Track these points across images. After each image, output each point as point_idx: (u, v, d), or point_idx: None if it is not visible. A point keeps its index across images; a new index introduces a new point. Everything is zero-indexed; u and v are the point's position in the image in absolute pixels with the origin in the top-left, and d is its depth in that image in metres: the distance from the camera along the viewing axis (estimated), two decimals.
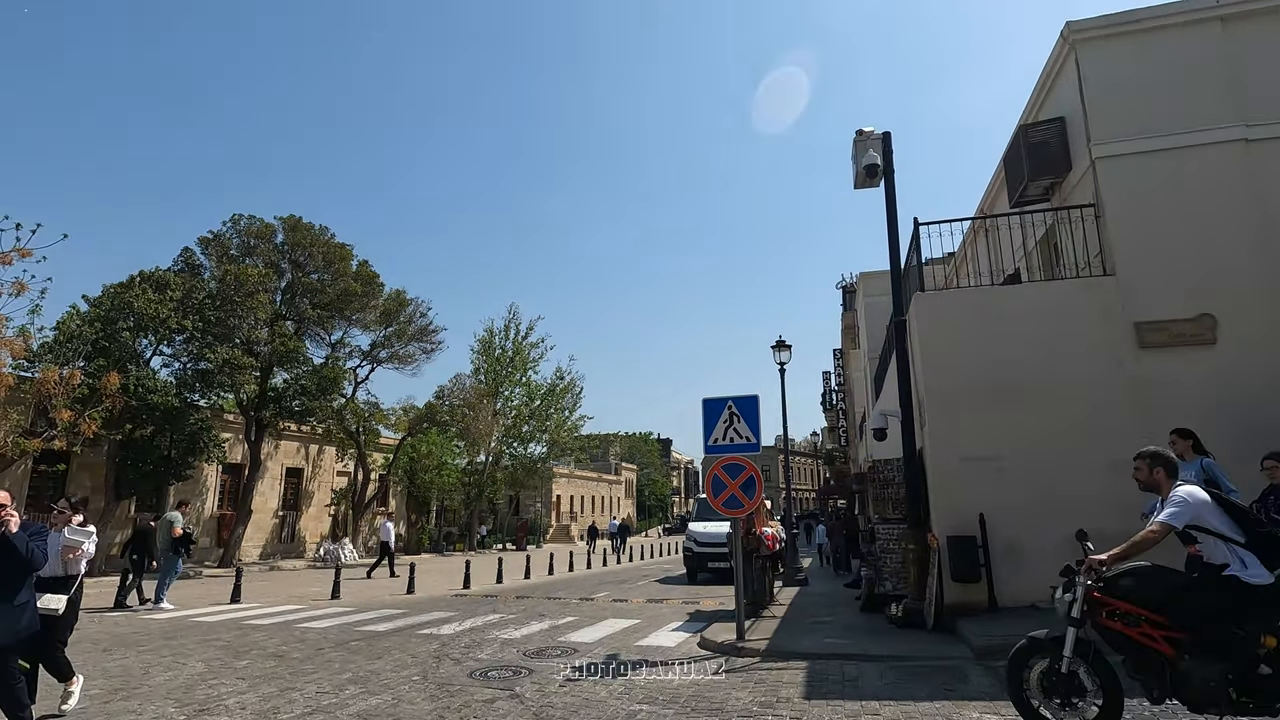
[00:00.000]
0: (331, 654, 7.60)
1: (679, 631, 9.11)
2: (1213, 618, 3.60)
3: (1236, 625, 3.55)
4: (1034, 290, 8.81)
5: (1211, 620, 3.60)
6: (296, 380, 23.74)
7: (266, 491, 27.28)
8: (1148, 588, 3.77)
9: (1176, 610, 3.66)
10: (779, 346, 15.68)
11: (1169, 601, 3.70)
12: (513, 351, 39.22)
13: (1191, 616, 3.64)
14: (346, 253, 25.73)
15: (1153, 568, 3.87)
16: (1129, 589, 3.80)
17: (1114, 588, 3.81)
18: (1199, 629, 3.61)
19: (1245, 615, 3.55)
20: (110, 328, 18.29)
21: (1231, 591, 3.59)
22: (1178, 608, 3.67)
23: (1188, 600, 3.68)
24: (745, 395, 8.14)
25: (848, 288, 42.82)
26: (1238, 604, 3.57)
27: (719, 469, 7.99)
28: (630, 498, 73.44)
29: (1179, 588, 3.76)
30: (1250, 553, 3.61)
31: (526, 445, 40.25)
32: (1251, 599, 3.55)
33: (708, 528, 16.89)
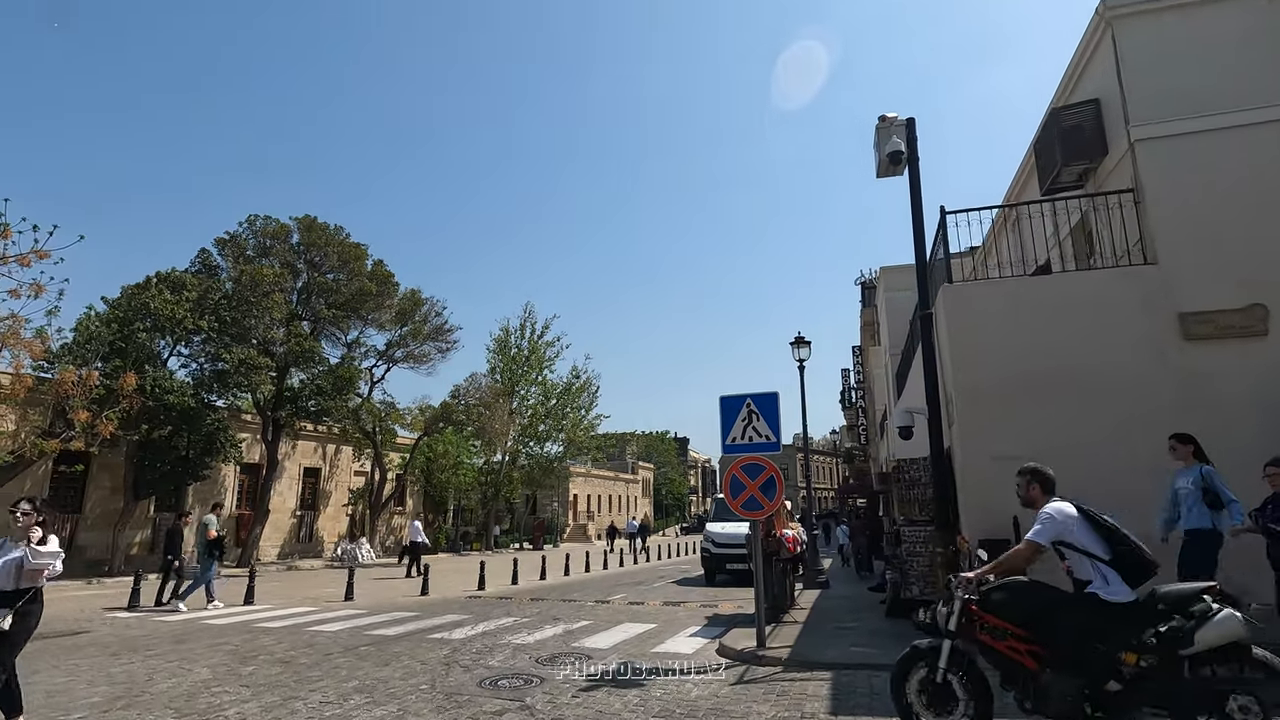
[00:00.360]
0: (339, 660, 7.41)
1: (697, 637, 8.81)
2: (1073, 633, 3.65)
3: (1099, 641, 3.59)
4: (1070, 280, 8.37)
5: (1071, 636, 3.64)
6: (313, 380, 23.75)
7: (284, 491, 27.36)
8: (1015, 603, 3.86)
9: (1037, 625, 3.75)
10: (798, 343, 15.29)
11: (1032, 617, 3.78)
12: (528, 350, 39.10)
13: (1050, 632, 3.71)
14: (361, 252, 25.70)
15: (1023, 583, 3.95)
16: (999, 604, 3.90)
17: (986, 602, 3.91)
18: (1058, 644, 3.67)
19: (1106, 632, 3.59)
20: (127, 329, 18.35)
21: (1092, 608, 3.65)
22: (1038, 623, 3.76)
23: (1049, 616, 3.76)
24: (764, 392, 7.83)
25: (867, 284, 42.19)
26: (1099, 621, 3.62)
27: (737, 469, 7.68)
28: (647, 497, 73.17)
29: (1044, 604, 3.83)
30: (1114, 571, 3.64)
31: (543, 444, 40.14)
32: (1111, 616, 3.59)
33: (726, 528, 16.55)
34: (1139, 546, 3.68)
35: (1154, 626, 3.50)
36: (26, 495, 5.21)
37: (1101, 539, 3.74)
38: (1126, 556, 3.67)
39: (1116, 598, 3.63)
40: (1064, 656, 3.66)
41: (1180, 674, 3.40)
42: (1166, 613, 3.52)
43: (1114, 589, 3.65)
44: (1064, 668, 3.63)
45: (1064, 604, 3.80)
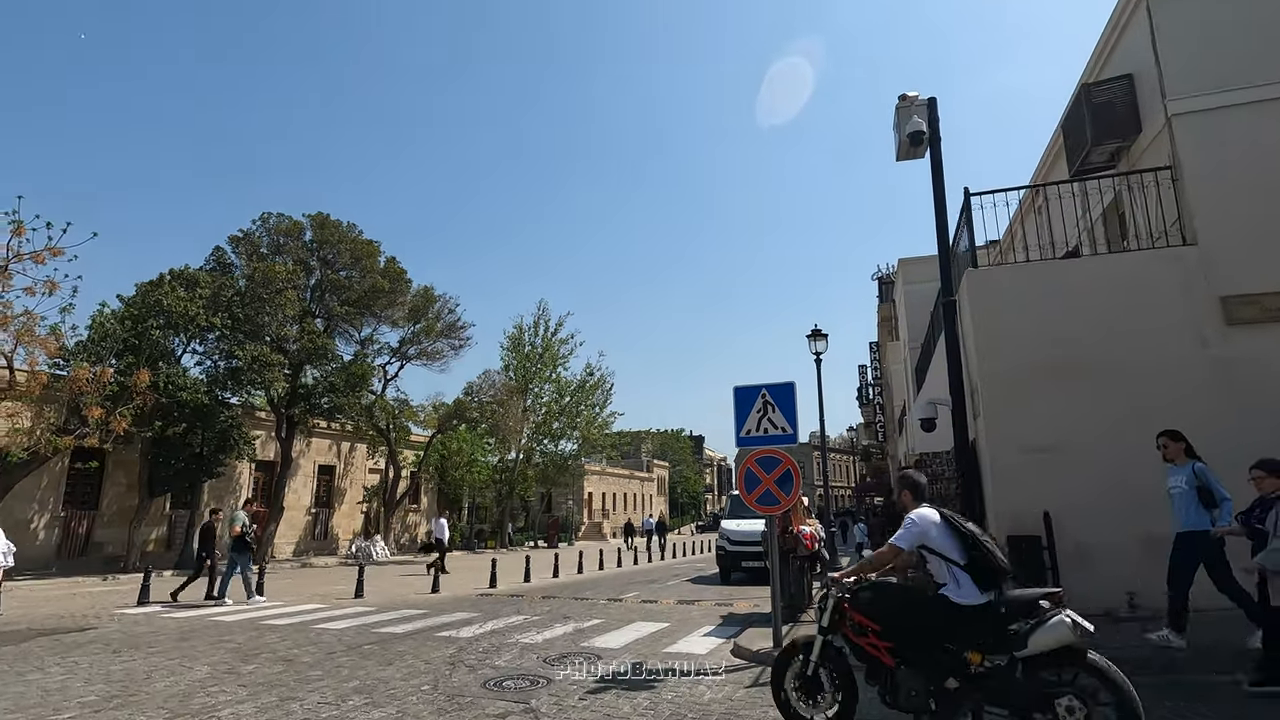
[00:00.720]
0: (343, 659, 7.20)
1: (711, 637, 8.52)
2: (923, 632, 3.84)
3: (948, 640, 3.75)
4: (1102, 263, 7.97)
5: (922, 634, 3.84)
6: (326, 377, 23.72)
7: (300, 489, 27.41)
8: (876, 602, 4.06)
9: (893, 624, 3.95)
10: (814, 336, 14.92)
11: (889, 615, 3.99)
12: (542, 348, 38.94)
13: (904, 630, 3.92)
14: (374, 249, 25.62)
15: (885, 584, 4.18)
16: (863, 602, 4.10)
17: (855, 600, 4.13)
18: (909, 642, 3.87)
19: (954, 632, 3.75)
20: (140, 326, 18.37)
21: (942, 609, 3.80)
22: (893, 621, 3.96)
23: (904, 616, 3.96)
24: (780, 382, 7.51)
25: (884, 278, 41.64)
26: (948, 621, 3.78)
27: (752, 463, 7.38)
28: (663, 495, 72.86)
29: (900, 603, 4.03)
30: (967, 574, 3.78)
31: (557, 442, 39.97)
32: (960, 617, 3.74)
33: (741, 525, 16.23)
34: (992, 553, 3.79)
35: (999, 629, 3.64)
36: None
37: (958, 544, 3.86)
38: (979, 561, 3.78)
39: (965, 600, 3.77)
40: (914, 654, 3.86)
41: (1013, 674, 3.55)
42: (1010, 616, 3.64)
43: (964, 592, 3.79)
44: (914, 664, 3.84)
45: (918, 604, 3.99)
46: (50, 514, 18.97)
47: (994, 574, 3.77)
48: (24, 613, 11.09)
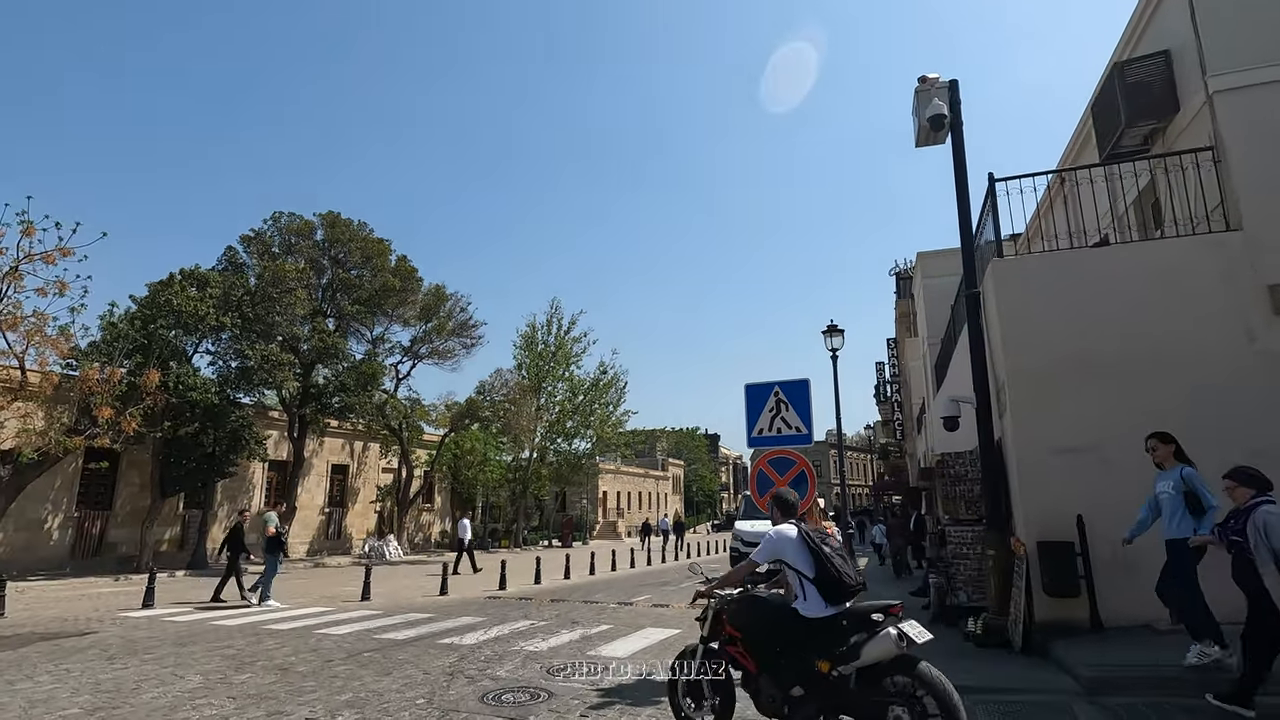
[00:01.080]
0: (340, 667, 6.95)
1: None
2: (776, 643, 4.08)
3: (798, 650, 3.94)
4: (1137, 251, 7.50)
5: (775, 644, 4.08)
6: (337, 377, 23.64)
7: (313, 488, 27.41)
8: (740, 613, 4.32)
9: (752, 634, 4.21)
10: (830, 331, 14.48)
11: (750, 626, 4.24)
12: (555, 346, 38.73)
13: (760, 640, 4.16)
14: (384, 247, 25.52)
15: (750, 596, 4.40)
16: (731, 613, 4.37)
17: (726, 611, 4.40)
18: (764, 651, 4.11)
19: (803, 643, 3.93)
20: (150, 325, 18.35)
21: (791, 621, 4.02)
22: (753, 632, 4.22)
23: (761, 627, 4.19)
24: (794, 379, 7.13)
25: (901, 274, 40.92)
26: (796, 633, 3.98)
27: (765, 463, 7.02)
28: (678, 494, 72.52)
29: (759, 615, 4.25)
30: (815, 589, 3.95)
31: (571, 441, 39.75)
32: (808, 629, 3.93)
33: (756, 526, 15.85)
34: (841, 570, 3.92)
35: (842, 640, 3.79)
36: None
37: (810, 560, 3.99)
38: (827, 577, 3.92)
39: (812, 613, 3.94)
40: (769, 661, 4.09)
41: (849, 684, 3.71)
42: (851, 629, 3.81)
43: (810, 605, 3.96)
44: (770, 671, 4.07)
45: (773, 616, 4.18)
46: (64, 514, 19.03)
47: (840, 590, 3.93)
48: (30, 615, 10.99)
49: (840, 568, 3.93)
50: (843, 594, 3.92)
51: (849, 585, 3.91)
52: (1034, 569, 6.74)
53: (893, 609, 3.78)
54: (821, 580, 3.93)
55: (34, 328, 15.69)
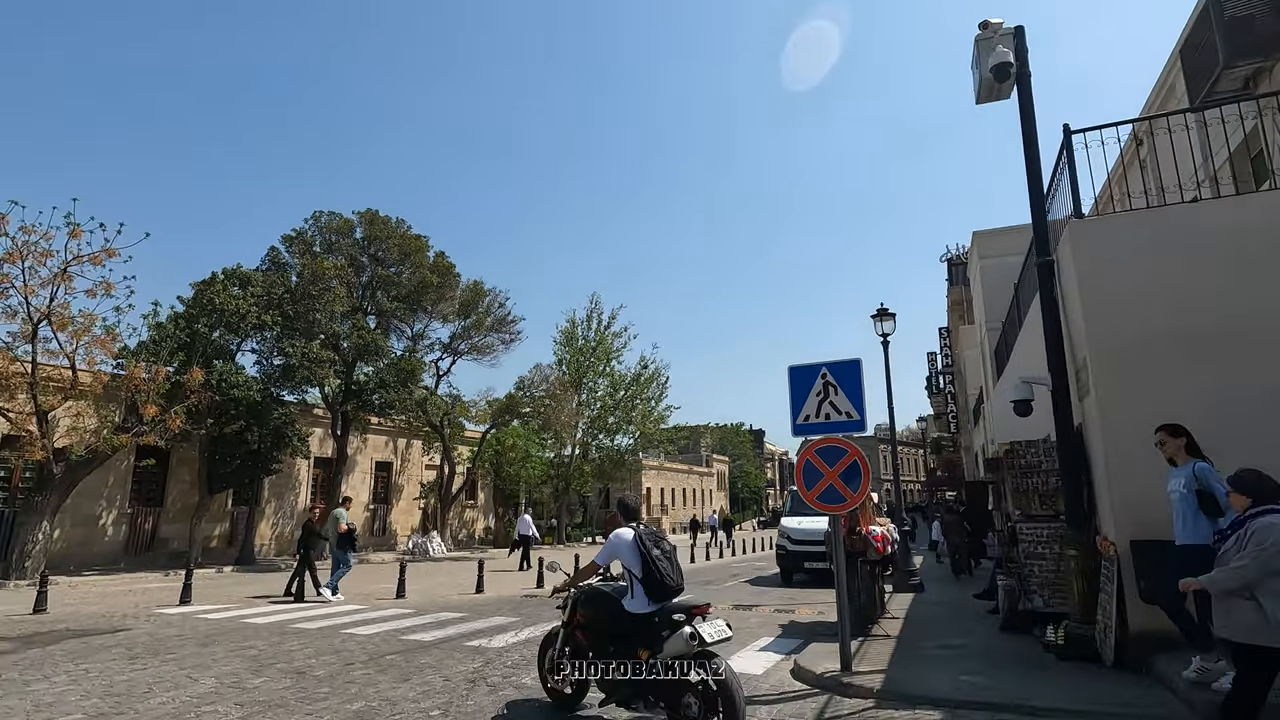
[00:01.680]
0: (358, 671, 6.57)
1: (769, 652, 7.54)
2: (605, 631, 4.72)
3: (623, 639, 4.53)
4: (1244, 205, 6.50)
5: (604, 633, 4.72)
6: (377, 374, 23.69)
7: (357, 485, 27.63)
8: (585, 604, 4.98)
9: (591, 622, 4.87)
10: (880, 315, 13.58)
11: (589, 616, 4.90)
12: (595, 341, 38.37)
13: (594, 628, 4.83)
14: (422, 244, 25.49)
15: (594, 590, 4.98)
16: (581, 603, 5.03)
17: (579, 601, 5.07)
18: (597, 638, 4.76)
19: (627, 634, 4.52)
20: (193, 325, 18.58)
21: (619, 614, 4.60)
22: (590, 620, 4.89)
23: (596, 617, 4.84)
24: (844, 360, 6.44)
25: (954, 260, 39.23)
26: (623, 625, 4.57)
27: (812, 454, 6.34)
28: (723, 490, 71.57)
29: (596, 607, 4.87)
30: (640, 587, 4.50)
31: (613, 437, 39.36)
32: (634, 622, 4.50)
33: (803, 523, 15.08)
34: (664, 573, 4.46)
35: (657, 634, 4.35)
36: None
37: (640, 561, 4.50)
38: (651, 578, 4.45)
39: (636, 609, 4.53)
40: (600, 647, 4.71)
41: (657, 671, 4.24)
42: (664, 624, 4.34)
43: (636, 602, 4.55)
44: (602, 656, 4.65)
45: (607, 609, 4.75)
46: (118, 511, 19.47)
47: (662, 589, 4.47)
48: (73, 610, 11.04)
49: (664, 570, 4.50)
50: (664, 593, 4.49)
51: (670, 586, 4.50)
52: (1126, 571, 5.89)
53: (697, 610, 4.34)
54: (647, 581, 4.50)
55: (82, 328, 16.02)
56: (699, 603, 4.44)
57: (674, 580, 4.52)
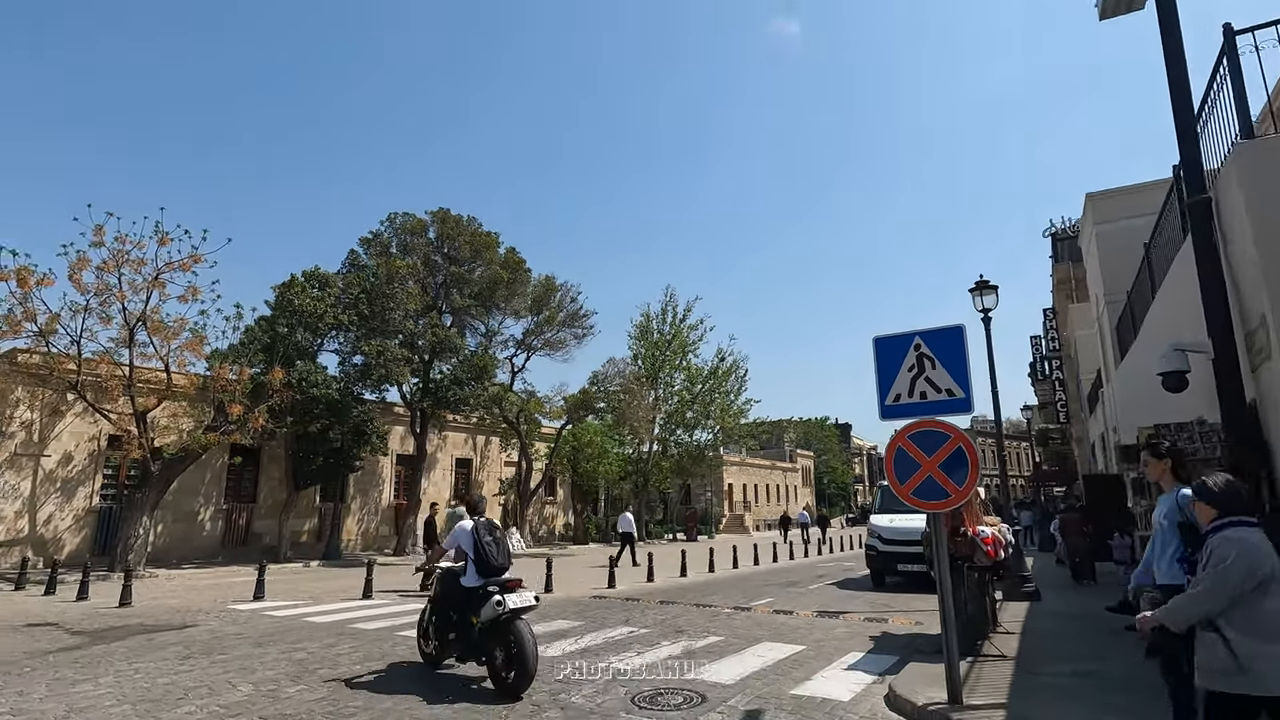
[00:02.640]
0: (399, 681, 6.06)
1: (858, 670, 6.51)
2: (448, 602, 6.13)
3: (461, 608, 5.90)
4: None
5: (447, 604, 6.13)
6: (452, 371, 23.84)
7: (438, 482, 28.05)
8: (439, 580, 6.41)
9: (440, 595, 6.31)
10: (979, 289, 12.06)
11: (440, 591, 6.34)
12: (670, 334, 37.59)
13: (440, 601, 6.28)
14: (493, 240, 25.49)
15: (445, 570, 6.29)
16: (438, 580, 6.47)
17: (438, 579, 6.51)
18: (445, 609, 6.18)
19: (462, 604, 5.90)
20: (276, 326, 19.12)
21: (455, 588, 6.04)
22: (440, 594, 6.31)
23: (442, 591, 6.28)
24: (942, 327, 5.36)
25: (1059, 234, 36.04)
26: (458, 597, 5.98)
27: (905, 441, 5.30)
28: (808, 486, 69.30)
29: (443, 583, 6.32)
30: (473, 565, 5.90)
31: (691, 432, 38.47)
32: (465, 594, 5.91)
33: (894, 521, 13.75)
34: (490, 555, 5.86)
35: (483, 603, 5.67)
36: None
37: (474, 546, 5.89)
38: (480, 559, 5.86)
39: (469, 583, 5.92)
40: (444, 615, 6.16)
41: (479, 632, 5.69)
42: (487, 596, 5.70)
43: (470, 578, 5.92)
44: (443, 621, 6.16)
45: (449, 584, 6.17)
46: (214, 506, 20.36)
47: (488, 568, 5.82)
48: (154, 604, 11.29)
49: (491, 553, 5.81)
50: (489, 571, 5.76)
51: (494, 565, 5.79)
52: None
53: (510, 584, 5.73)
54: (477, 560, 5.78)
55: (173, 332, 16.71)
56: (513, 579, 5.88)
57: (498, 561, 5.89)
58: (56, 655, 7.21)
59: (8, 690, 5.79)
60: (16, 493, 16.69)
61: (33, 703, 5.46)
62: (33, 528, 16.86)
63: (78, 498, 17.75)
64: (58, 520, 17.34)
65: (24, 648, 7.63)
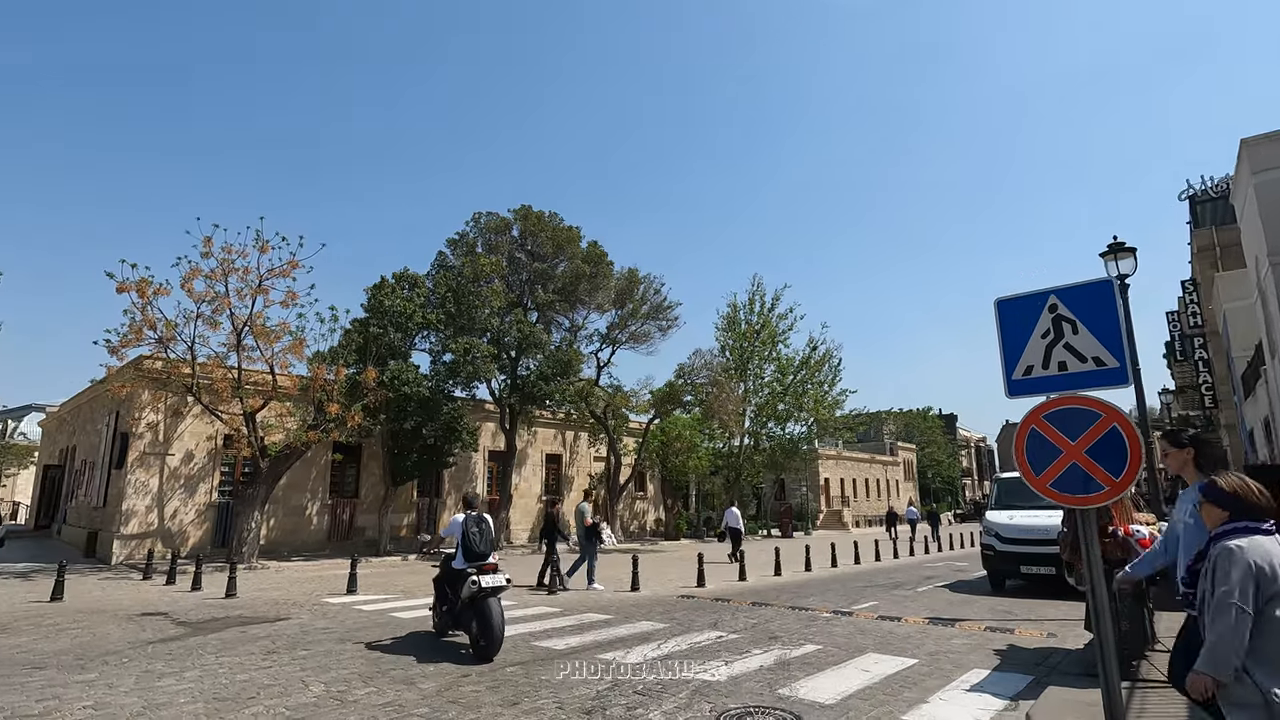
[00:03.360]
0: (468, 687, 5.71)
1: (984, 693, 5.59)
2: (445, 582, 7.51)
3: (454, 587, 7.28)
4: None
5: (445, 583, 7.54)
6: (538, 367, 23.91)
7: (529, 477, 28.35)
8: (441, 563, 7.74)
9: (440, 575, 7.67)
10: (1113, 253, 10.46)
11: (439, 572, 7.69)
12: (759, 324, 36.42)
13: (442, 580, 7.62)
14: (574, 234, 25.37)
15: (446, 553, 7.75)
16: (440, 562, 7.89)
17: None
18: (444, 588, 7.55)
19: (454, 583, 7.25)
20: (368, 327, 19.71)
21: (449, 570, 7.39)
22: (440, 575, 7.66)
23: (441, 572, 7.63)
24: (1085, 282, 4.41)
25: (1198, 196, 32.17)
26: (452, 577, 7.32)
27: (1040, 421, 4.36)
28: (910, 480, 65.89)
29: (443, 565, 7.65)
30: (461, 551, 7.28)
31: (783, 425, 37.14)
32: (456, 575, 7.25)
33: (1015, 519, 12.35)
34: (475, 543, 7.25)
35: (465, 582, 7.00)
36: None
37: (461, 534, 7.30)
38: (466, 545, 7.25)
39: (458, 565, 7.24)
40: (443, 592, 7.55)
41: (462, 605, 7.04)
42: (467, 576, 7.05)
43: (457, 561, 7.27)
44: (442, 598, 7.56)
45: (445, 566, 7.54)
46: (320, 502, 21.31)
47: (472, 554, 7.23)
48: (257, 595, 11.68)
49: (476, 541, 7.28)
50: (473, 556, 7.23)
51: (477, 551, 7.24)
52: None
53: (486, 566, 7.16)
54: (464, 546, 7.28)
55: (275, 335, 17.49)
56: (489, 562, 7.19)
57: (481, 548, 7.25)
58: (155, 646, 7.40)
59: (99, 683, 5.88)
60: (146, 489, 18.02)
61: (117, 696, 5.49)
62: (161, 521, 18.15)
63: (199, 493, 18.98)
64: (182, 514, 18.60)
65: (130, 637, 7.92)
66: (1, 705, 5.25)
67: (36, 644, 7.53)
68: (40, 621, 8.98)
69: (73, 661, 6.66)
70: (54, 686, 5.76)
